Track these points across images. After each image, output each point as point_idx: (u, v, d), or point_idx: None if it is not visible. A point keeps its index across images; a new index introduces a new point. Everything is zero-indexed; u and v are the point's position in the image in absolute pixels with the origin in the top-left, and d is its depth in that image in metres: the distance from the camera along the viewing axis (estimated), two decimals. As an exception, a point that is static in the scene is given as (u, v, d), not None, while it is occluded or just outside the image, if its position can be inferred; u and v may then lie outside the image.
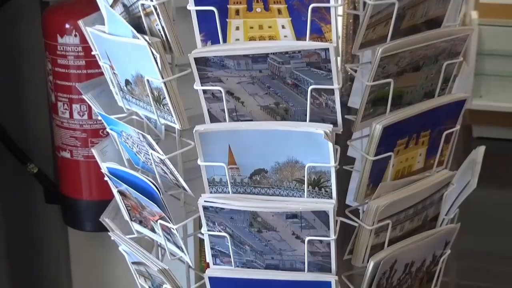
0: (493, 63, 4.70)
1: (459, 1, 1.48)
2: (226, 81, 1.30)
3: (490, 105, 4.68)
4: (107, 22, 1.41)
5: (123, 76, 1.44)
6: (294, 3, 1.23)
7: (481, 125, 4.74)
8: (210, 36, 1.29)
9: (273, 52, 1.25)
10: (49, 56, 1.93)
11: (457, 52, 1.42)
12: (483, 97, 4.74)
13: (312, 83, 1.26)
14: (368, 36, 1.30)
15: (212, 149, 1.33)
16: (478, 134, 4.79)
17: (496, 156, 4.33)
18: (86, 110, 1.91)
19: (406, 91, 1.38)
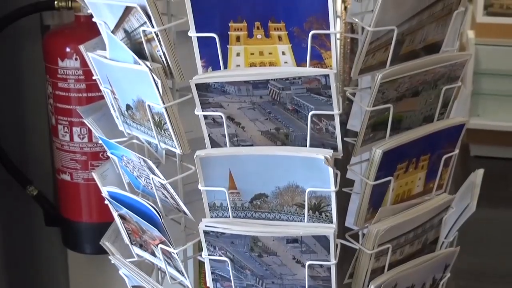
0: (490, 82, 4.73)
1: (458, 26, 1.49)
2: (227, 106, 1.30)
3: (488, 124, 4.70)
4: (109, 47, 1.42)
5: (124, 101, 1.45)
6: (294, 30, 1.24)
7: (479, 144, 4.76)
8: (211, 62, 1.30)
9: (273, 78, 1.26)
10: (49, 79, 1.94)
11: (456, 76, 1.43)
12: (480, 116, 4.76)
13: (313, 108, 1.27)
14: (368, 61, 1.32)
15: (213, 173, 1.34)
16: (475, 153, 4.81)
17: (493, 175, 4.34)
18: (86, 133, 1.92)
19: (405, 116, 1.39)
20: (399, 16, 1.30)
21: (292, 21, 1.24)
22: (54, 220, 2.15)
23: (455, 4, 1.39)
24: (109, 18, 1.40)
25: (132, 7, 1.31)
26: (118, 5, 1.34)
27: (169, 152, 1.49)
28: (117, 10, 1.36)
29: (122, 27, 1.39)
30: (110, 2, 1.36)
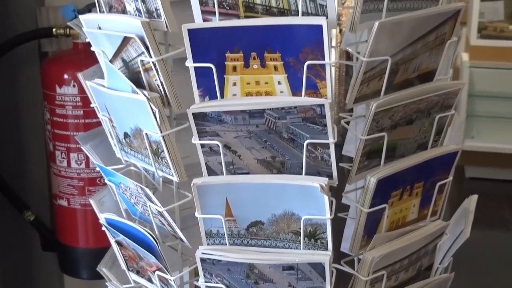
0: (484, 104, 4.76)
1: (451, 54, 1.52)
2: (223, 135, 1.32)
3: (482, 146, 4.73)
4: (107, 76, 1.44)
5: (122, 129, 1.47)
6: (290, 60, 1.26)
7: (474, 165, 4.78)
8: (208, 91, 1.32)
9: (269, 107, 1.28)
10: (47, 105, 1.95)
11: (449, 105, 1.45)
12: (475, 138, 4.78)
13: (308, 137, 1.29)
14: (362, 91, 1.34)
15: (210, 201, 1.35)
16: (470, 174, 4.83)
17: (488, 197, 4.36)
18: (84, 159, 1.94)
19: (399, 144, 1.41)
20: (393, 46, 1.32)
21: (288, 51, 1.26)
22: (51, 245, 2.16)
23: (448, 34, 1.41)
24: (107, 47, 1.42)
25: (130, 38, 1.33)
26: (116, 35, 1.36)
27: (166, 179, 1.50)
28: (115, 40, 1.38)
29: (120, 56, 1.41)
30: (109, 32, 1.38)
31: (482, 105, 4.77)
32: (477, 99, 4.74)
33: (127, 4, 1.38)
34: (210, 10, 1.28)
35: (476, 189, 4.37)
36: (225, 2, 1.27)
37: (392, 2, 1.31)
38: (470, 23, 4.67)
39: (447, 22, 1.38)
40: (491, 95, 4.73)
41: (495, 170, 4.78)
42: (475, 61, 4.67)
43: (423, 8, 1.36)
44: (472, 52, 4.69)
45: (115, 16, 1.40)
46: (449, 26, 1.40)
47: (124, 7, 1.40)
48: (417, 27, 1.34)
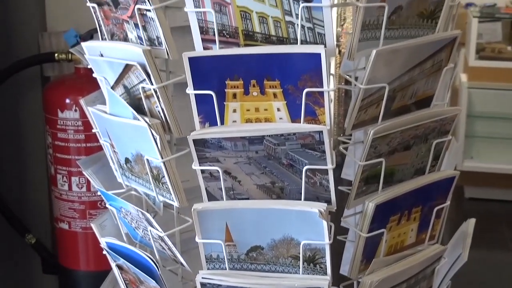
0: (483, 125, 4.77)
1: (448, 80, 1.54)
2: (223, 161, 1.34)
3: (481, 166, 4.73)
4: (108, 102, 1.46)
5: (123, 155, 1.49)
6: (289, 87, 1.28)
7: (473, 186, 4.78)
8: (208, 118, 1.34)
9: (269, 134, 1.29)
10: (49, 129, 1.97)
11: (446, 130, 1.47)
12: (474, 158, 4.79)
13: (307, 163, 1.31)
14: (360, 117, 1.36)
15: (210, 226, 1.37)
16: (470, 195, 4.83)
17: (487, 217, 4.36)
18: (85, 183, 1.95)
19: (397, 169, 1.43)
20: (390, 73, 1.34)
21: (287, 79, 1.28)
22: (52, 268, 2.17)
23: (445, 61, 1.43)
24: (109, 74, 1.44)
25: (132, 65, 1.35)
26: (118, 62, 1.39)
27: (166, 204, 1.52)
28: (117, 67, 1.40)
29: (121, 83, 1.43)
30: (111, 60, 1.40)
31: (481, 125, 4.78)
32: (476, 120, 4.76)
33: (129, 32, 1.41)
34: (211, 39, 1.31)
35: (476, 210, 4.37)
36: (225, 30, 1.30)
37: (389, 30, 1.33)
38: (468, 44, 4.70)
39: (444, 50, 1.41)
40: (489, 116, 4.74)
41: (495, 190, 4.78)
42: (474, 82, 4.69)
43: (420, 36, 1.39)
44: (470, 73, 4.71)
45: (117, 44, 1.42)
46: (446, 53, 1.42)
47: (126, 35, 1.42)
48: (414, 55, 1.36)
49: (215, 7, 1.28)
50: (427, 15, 1.38)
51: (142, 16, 1.34)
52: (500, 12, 4.99)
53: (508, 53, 4.73)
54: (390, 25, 1.33)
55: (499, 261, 4.19)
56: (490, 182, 4.77)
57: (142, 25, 1.35)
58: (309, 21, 1.26)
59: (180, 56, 1.32)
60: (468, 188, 4.83)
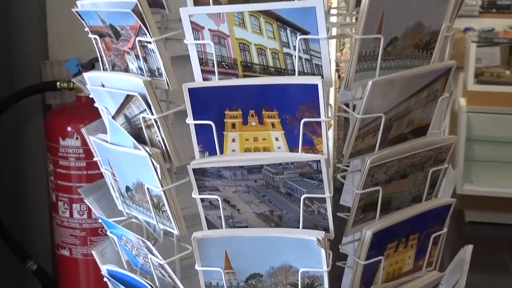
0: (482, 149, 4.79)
1: (444, 109, 1.56)
2: (223, 190, 1.36)
3: (481, 190, 4.74)
4: (110, 132, 1.48)
5: (124, 183, 1.51)
6: (287, 117, 1.31)
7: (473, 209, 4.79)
8: (207, 147, 1.36)
9: (267, 163, 1.31)
10: (50, 157, 1.99)
11: (442, 159, 1.49)
12: (474, 182, 4.81)
13: (305, 192, 1.33)
14: (358, 146, 1.38)
15: (209, 254, 1.39)
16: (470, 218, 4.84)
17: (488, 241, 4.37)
18: (86, 210, 1.97)
19: (394, 197, 1.45)
20: (387, 103, 1.36)
21: (285, 109, 1.30)
22: (53, 294, 2.18)
23: (440, 90, 1.46)
24: (110, 104, 1.46)
25: (132, 95, 1.38)
26: (119, 93, 1.41)
27: (166, 231, 1.53)
28: (118, 97, 1.42)
29: (122, 113, 1.45)
30: (112, 90, 1.43)
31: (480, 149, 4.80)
32: (475, 144, 4.78)
33: (130, 63, 1.43)
34: (210, 70, 1.33)
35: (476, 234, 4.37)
36: (224, 62, 1.32)
37: (385, 61, 1.36)
38: (467, 68, 4.73)
39: (439, 79, 1.43)
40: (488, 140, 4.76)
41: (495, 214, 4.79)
42: (473, 106, 4.72)
43: (416, 66, 1.41)
44: (469, 97, 4.74)
45: (118, 75, 1.44)
46: (441, 83, 1.44)
47: (127, 66, 1.45)
48: (410, 85, 1.38)
49: (214, 39, 1.31)
50: (422, 46, 1.41)
51: (143, 47, 1.37)
52: (498, 36, 5.03)
53: (506, 77, 4.77)
54: (386, 56, 1.35)
55: (500, 285, 4.18)
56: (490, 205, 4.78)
57: (143, 56, 1.38)
58: (307, 52, 1.29)
59: (180, 86, 1.34)
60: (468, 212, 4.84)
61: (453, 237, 4.30)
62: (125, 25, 1.37)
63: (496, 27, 5.49)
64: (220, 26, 1.30)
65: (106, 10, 1.39)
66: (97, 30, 1.45)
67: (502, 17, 5.73)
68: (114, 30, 1.40)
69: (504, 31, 5.40)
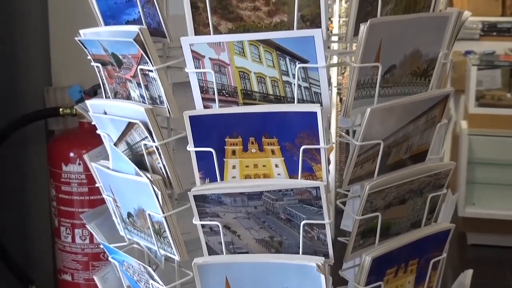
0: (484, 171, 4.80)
1: (442, 135, 1.58)
2: (223, 216, 1.37)
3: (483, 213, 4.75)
4: (111, 158, 1.50)
5: (126, 209, 1.52)
6: (286, 144, 1.32)
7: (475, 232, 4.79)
8: (208, 174, 1.38)
9: (267, 190, 1.33)
10: (53, 182, 2.01)
11: (441, 184, 1.50)
12: (475, 205, 4.81)
13: (304, 218, 1.34)
14: (357, 172, 1.39)
15: (210, 280, 1.40)
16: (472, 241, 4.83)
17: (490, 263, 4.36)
18: (88, 235, 1.98)
19: (393, 223, 1.46)
20: (385, 130, 1.38)
21: (284, 136, 1.32)
22: (55, 319, 2.19)
23: (438, 117, 1.47)
24: (112, 131, 1.48)
25: (134, 123, 1.40)
26: (121, 120, 1.43)
27: (168, 257, 1.54)
28: (120, 125, 1.44)
29: (124, 140, 1.47)
30: (114, 118, 1.45)
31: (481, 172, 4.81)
32: (477, 166, 4.78)
33: (132, 90, 1.45)
34: (210, 97, 1.35)
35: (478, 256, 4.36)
36: (225, 90, 1.34)
37: (383, 88, 1.38)
38: (468, 91, 4.75)
39: (437, 106, 1.45)
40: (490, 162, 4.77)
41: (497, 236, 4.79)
42: (474, 129, 4.73)
43: (414, 93, 1.43)
44: (470, 120, 4.75)
45: (120, 102, 1.46)
46: (439, 110, 1.46)
47: (129, 93, 1.47)
48: (408, 112, 1.40)
49: (215, 68, 1.33)
50: (420, 73, 1.43)
51: (145, 76, 1.39)
52: (499, 59, 5.06)
53: (507, 100, 4.79)
54: (384, 83, 1.37)
55: (503, 309, 4.17)
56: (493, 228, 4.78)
57: (145, 84, 1.40)
58: (306, 80, 1.30)
59: (182, 112, 1.36)
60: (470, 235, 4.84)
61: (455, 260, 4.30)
62: (127, 54, 1.39)
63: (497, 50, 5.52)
64: (221, 55, 1.32)
65: (108, 39, 1.41)
66: (100, 59, 1.48)
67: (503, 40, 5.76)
68: (116, 58, 1.42)
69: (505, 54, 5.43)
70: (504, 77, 5.12)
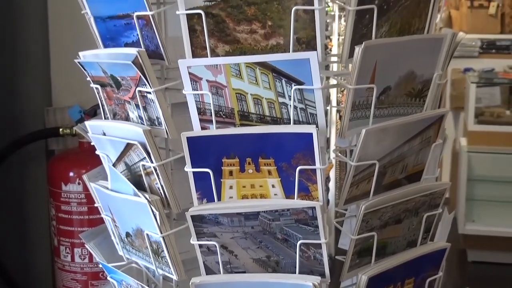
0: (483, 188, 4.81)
1: (437, 154, 1.59)
2: (220, 236, 1.39)
3: (483, 230, 4.75)
4: (110, 179, 1.51)
5: (124, 229, 1.54)
6: (283, 165, 1.34)
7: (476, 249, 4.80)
8: (205, 194, 1.39)
9: (264, 210, 1.34)
10: (53, 202, 2.02)
11: (436, 204, 1.52)
12: (475, 222, 4.81)
13: (301, 238, 1.35)
14: (352, 192, 1.41)
15: (208, 299, 1.41)
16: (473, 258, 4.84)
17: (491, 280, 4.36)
18: (87, 254, 1.99)
19: (389, 242, 1.47)
20: (380, 150, 1.39)
21: (281, 157, 1.34)
22: (54, 338, 2.19)
23: (433, 137, 1.49)
24: (111, 152, 1.50)
25: (132, 144, 1.41)
26: (120, 141, 1.45)
27: (166, 276, 1.56)
28: (119, 146, 1.46)
29: (123, 160, 1.49)
30: (113, 139, 1.46)
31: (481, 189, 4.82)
32: (476, 183, 4.79)
33: (130, 111, 1.47)
34: (208, 119, 1.37)
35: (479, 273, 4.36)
36: (222, 111, 1.36)
37: (378, 109, 1.39)
38: (467, 108, 4.77)
39: (432, 127, 1.46)
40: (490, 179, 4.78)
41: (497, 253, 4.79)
42: (473, 146, 4.75)
43: (409, 114, 1.44)
44: (470, 137, 4.77)
45: (118, 123, 1.48)
46: (434, 130, 1.47)
47: (128, 114, 1.49)
48: (403, 132, 1.41)
49: (212, 90, 1.34)
50: (415, 94, 1.45)
51: (143, 97, 1.41)
52: (498, 77, 5.07)
53: (506, 117, 4.80)
54: (379, 104, 1.39)
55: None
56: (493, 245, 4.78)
57: (143, 106, 1.42)
58: (302, 102, 1.32)
59: (180, 132, 1.37)
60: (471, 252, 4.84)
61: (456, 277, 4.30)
62: (126, 76, 1.41)
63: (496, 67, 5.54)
64: (218, 77, 1.33)
65: (107, 62, 1.43)
66: (99, 80, 1.49)
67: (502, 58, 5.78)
68: (115, 80, 1.44)
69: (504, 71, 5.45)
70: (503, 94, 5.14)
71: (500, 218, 4.80)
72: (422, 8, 1.42)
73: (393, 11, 1.37)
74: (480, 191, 4.83)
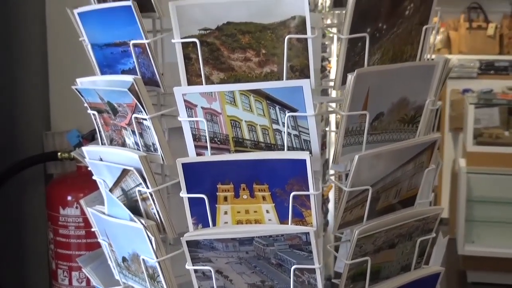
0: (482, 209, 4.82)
1: (431, 179, 1.61)
2: (215, 261, 1.40)
3: (483, 251, 4.75)
4: (107, 204, 1.53)
5: (121, 254, 1.55)
6: (277, 191, 1.35)
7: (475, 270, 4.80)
8: (201, 220, 1.40)
9: (258, 235, 1.36)
10: (51, 226, 2.04)
11: (430, 229, 1.53)
12: (475, 243, 4.82)
13: (295, 263, 1.37)
14: (346, 217, 1.42)
15: (203, 324, 1.42)
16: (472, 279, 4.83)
17: (491, 302, 4.36)
18: (85, 278, 2.00)
19: (383, 267, 1.48)
20: (374, 176, 1.41)
21: (275, 183, 1.35)
22: None
23: (426, 162, 1.50)
24: (108, 177, 1.51)
25: (129, 170, 1.43)
26: (116, 167, 1.46)
27: (162, 301, 1.57)
28: (115, 171, 1.47)
29: (119, 185, 1.50)
30: (109, 164, 1.48)
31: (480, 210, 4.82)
32: (476, 204, 4.80)
33: (127, 137, 1.49)
34: (203, 145, 1.39)
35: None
36: (217, 137, 1.38)
37: (371, 135, 1.41)
38: (466, 129, 4.79)
39: (425, 152, 1.48)
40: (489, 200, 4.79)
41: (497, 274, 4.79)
42: (472, 167, 4.76)
43: (402, 139, 1.46)
44: (469, 158, 4.78)
45: (115, 149, 1.50)
46: (427, 155, 1.49)
47: (124, 140, 1.50)
48: (396, 158, 1.43)
49: (207, 117, 1.36)
50: (408, 120, 1.46)
51: (139, 124, 1.43)
52: (496, 98, 5.10)
53: (505, 138, 4.82)
54: (372, 130, 1.41)
55: None
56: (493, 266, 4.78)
57: (139, 132, 1.44)
58: (295, 128, 1.34)
59: (176, 157, 1.39)
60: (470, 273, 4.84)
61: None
62: (122, 103, 1.43)
63: (495, 88, 5.58)
64: (212, 104, 1.35)
65: (104, 89, 1.45)
66: (96, 106, 1.51)
67: (500, 79, 5.82)
68: (111, 107, 1.46)
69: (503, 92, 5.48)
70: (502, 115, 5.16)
71: (499, 239, 4.80)
72: (414, 35, 1.44)
73: (385, 38, 1.40)
74: (479, 212, 4.84)
